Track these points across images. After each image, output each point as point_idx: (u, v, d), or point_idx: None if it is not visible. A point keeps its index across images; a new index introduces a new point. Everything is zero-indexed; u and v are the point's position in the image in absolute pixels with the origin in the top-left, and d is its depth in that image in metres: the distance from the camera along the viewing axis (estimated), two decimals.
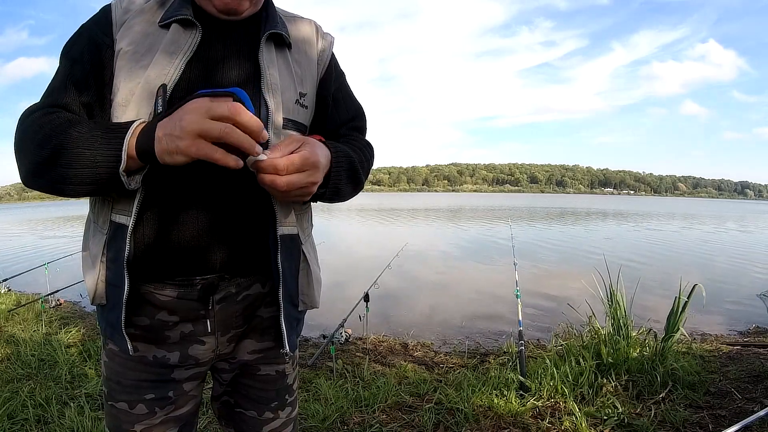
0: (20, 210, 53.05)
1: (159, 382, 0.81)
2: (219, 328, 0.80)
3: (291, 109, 0.82)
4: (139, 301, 0.76)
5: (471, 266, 8.50)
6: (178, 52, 0.74)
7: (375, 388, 2.53)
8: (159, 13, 0.78)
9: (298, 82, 0.84)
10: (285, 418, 0.92)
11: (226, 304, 0.79)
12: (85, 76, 0.74)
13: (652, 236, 14.83)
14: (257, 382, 0.89)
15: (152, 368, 0.80)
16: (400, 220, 22.20)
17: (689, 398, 2.37)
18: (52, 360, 2.87)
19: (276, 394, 0.91)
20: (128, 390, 0.80)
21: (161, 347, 0.79)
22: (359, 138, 0.95)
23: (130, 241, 0.72)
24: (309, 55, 0.88)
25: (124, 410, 0.80)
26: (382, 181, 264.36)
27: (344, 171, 0.80)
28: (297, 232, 0.84)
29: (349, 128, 0.95)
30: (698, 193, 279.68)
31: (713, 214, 34.98)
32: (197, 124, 0.59)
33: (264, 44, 0.80)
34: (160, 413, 0.81)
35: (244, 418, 0.91)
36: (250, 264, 0.80)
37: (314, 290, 0.89)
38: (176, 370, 0.82)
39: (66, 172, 0.65)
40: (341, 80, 0.97)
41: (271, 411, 0.91)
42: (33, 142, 0.67)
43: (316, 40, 0.91)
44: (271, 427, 0.91)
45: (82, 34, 0.78)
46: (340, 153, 0.79)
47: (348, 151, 0.82)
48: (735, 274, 7.85)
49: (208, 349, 0.81)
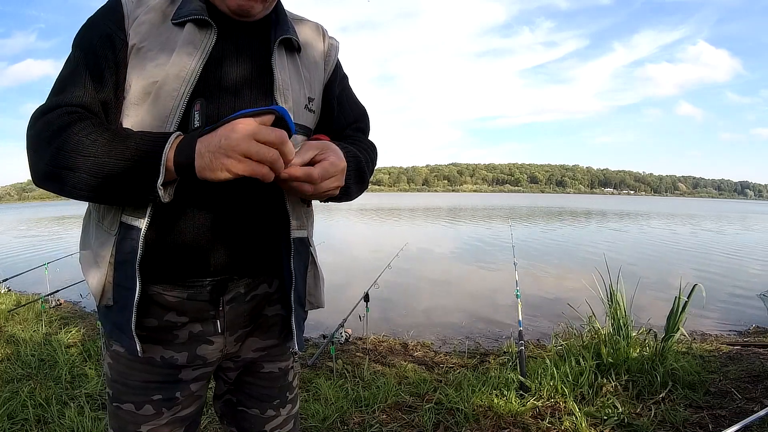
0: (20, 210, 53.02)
1: (166, 383, 0.80)
2: (228, 328, 0.81)
3: (301, 114, 0.82)
4: (148, 303, 0.76)
5: (471, 266, 8.50)
6: (194, 53, 0.73)
7: (375, 388, 2.53)
8: (171, 9, 0.76)
9: (307, 87, 0.85)
10: (286, 415, 0.94)
11: (235, 304, 0.80)
12: (101, 72, 0.72)
13: (652, 236, 14.84)
14: (260, 380, 0.91)
15: (160, 369, 0.80)
16: (400, 220, 22.21)
17: (689, 398, 2.37)
18: (52, 360, 2.87)
19: (278, 392, 0.92)
20: (135, 391, 0.80)
21: (169, 348, 0.79)
22: (363, 139, 0.96)
23: (143, 243, 0.71)
24: (316, 59, 0.89)
25: (130, 411, 0.80)
26: (382, 181, 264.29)
27: (353, 172, 0.81)
28: (307, 235, 0.87)
29: (353, 129, 0.96)
30: (698, 193, 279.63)
31: (713, 214, 34.98)
32: (246, 146, 0.60)
33: (276, 49, 0.80)
34: (167, 413, 0.81)
35: (247, 416, 0.91)
36: (259, 265, 0.82)
37: (321, 291, 0.92)
38: (184, 371, 0.82)
39: (89, 180, 0.64)
40: (345, 83, 0.97)
41: (273, 408, 0.92)
42: (51, 145, 0.65)
43: (322, 44, 0.91)
44: (273, 425, 0.92)
45: (94, 27, 0.75)
46: (350, 155, 0.80)
47: (356, 152, 0.84)
48: (735, 274, 7.85)
49: (216, 348, 0.82)
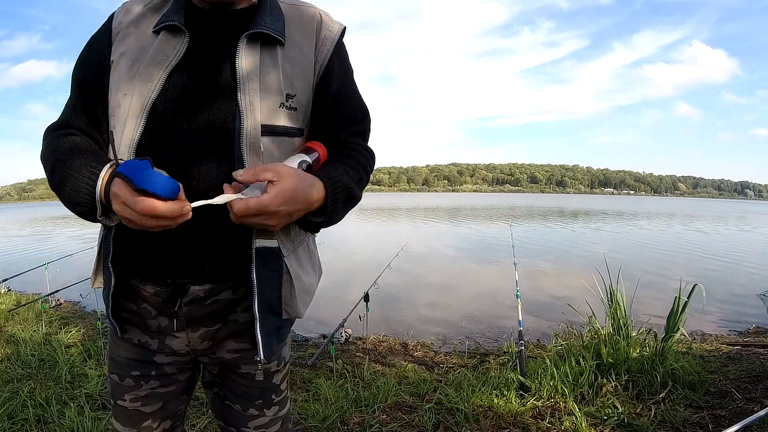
0: (20, 210, 53.02)
1: (143, 362, 0.87)
2: (188, 326, 0.83)
3: (274, 114, 0.78)
4: (129, 290, 0.83)
5: (471, 266, 8.50)
6: (163, 62, 0.76)
7: (375, 388, 2.53)
8: (154, 18, 0.79)
9: (286, 83, 0.79)
10: (272, 416, 0.94)
11: (194, 306, 0.81)
12: (90, 94, 0.80)
13: (652, 236, 14.83)
14: (241, 378, 0.91)
15: (137, 350, 0.87)
16: (400, 220, 22.20)
17: (689, 398, 2.37)
18: (52, 360, 2.86)
19: (261, 392, 0.92)
20: (119, 366, 0.88)
21: (144, 333, 0.86)
22: (359, 148, 0.88)
23: (112, 244, 0.79)
24: (305, 49, 0.82)
25: (116, 382, 0.88)
26: (382, 181, 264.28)
27: (341, 203, 0.79)
28: (278, 245, 0.82)
29: (350, 133, 0.88)
30: (698, 193, 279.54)
31: (714, 214, 34.98)
32: (128, 215, 0.64)
33: (244, 46, 0.76)
34: (145, 386, 0.88)
35: (232, 411, 0.93)
36: (222, 272, 0.80)
37: (297, 301, 0.86)
38: (158, 355, 0.87)
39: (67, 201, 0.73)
40: (346, 77, 0.88)
41: (255, 408, 0.92)
42: (47, 167, 0.77)
43: (316, 31, 0.84)
44: (257, 423, 0.93)
45: (90, 49, 0.83)
46: (338, 186, 0.77)
47: (345, 179, 0.79)
48: (735, 274, 7.85)
49: (181, 342, 0.85)
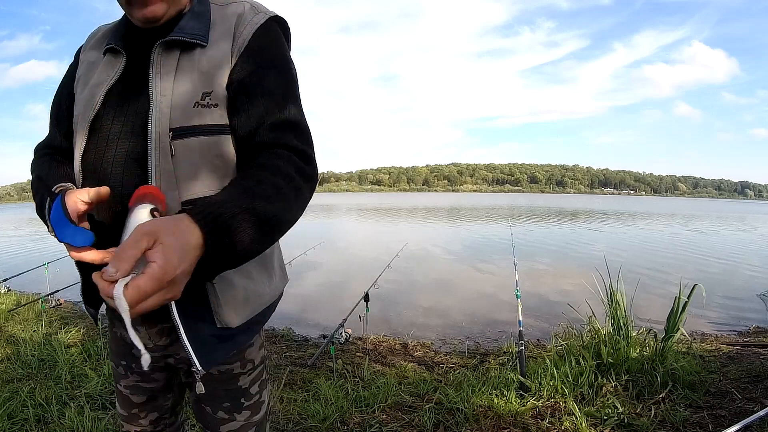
0: (20, 210, 52.99)
1: (127, 355, 0.95)
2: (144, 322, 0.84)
3: (188, 114, 0.75)
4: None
5: (471, 266, 8.49)
6: (104, 82, 0.80)
7: (375, 388, 2.53)
8: (105, 40, 0.85)
9: (202, 82, 0.76)
10: (244, 422, 0.93)
11: None
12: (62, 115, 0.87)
13: (652, 236, 14.84)
14: (203, 377, 0.89)
15: (121, 342, 0.95)
16: (400, 219, 22.20)
17: (689, 398, 2.37)
18: (52, 360, 2.87)
19: (225, 394, 0.91)
20: (114, 354, 0.98)
21: (121, 328, 0.91)
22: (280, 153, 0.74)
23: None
24: (223, 45, 0.79)
25: (114, 368, 0.98)
26: (382, 181, 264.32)
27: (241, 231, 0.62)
28: None
29: (273, 140, 0.76)
30: (698, 193, 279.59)
31: (714, 214, 34.97)
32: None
33: (157, 56, 0.77)
34: (131, 378, 0.95)
35: (205, 413, 0.94)
36: None
37: (225, 311, 0.81)
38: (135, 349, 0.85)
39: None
40: (260, 67, 0.79)
41: (224, 411, 0.92)
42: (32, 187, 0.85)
43: (235, 25, 0.80)
44: (229, 428, 0.92)
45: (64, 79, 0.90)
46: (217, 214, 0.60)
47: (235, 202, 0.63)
48: (735, 275, 7.86)
49: (144, 336, 0.86)
